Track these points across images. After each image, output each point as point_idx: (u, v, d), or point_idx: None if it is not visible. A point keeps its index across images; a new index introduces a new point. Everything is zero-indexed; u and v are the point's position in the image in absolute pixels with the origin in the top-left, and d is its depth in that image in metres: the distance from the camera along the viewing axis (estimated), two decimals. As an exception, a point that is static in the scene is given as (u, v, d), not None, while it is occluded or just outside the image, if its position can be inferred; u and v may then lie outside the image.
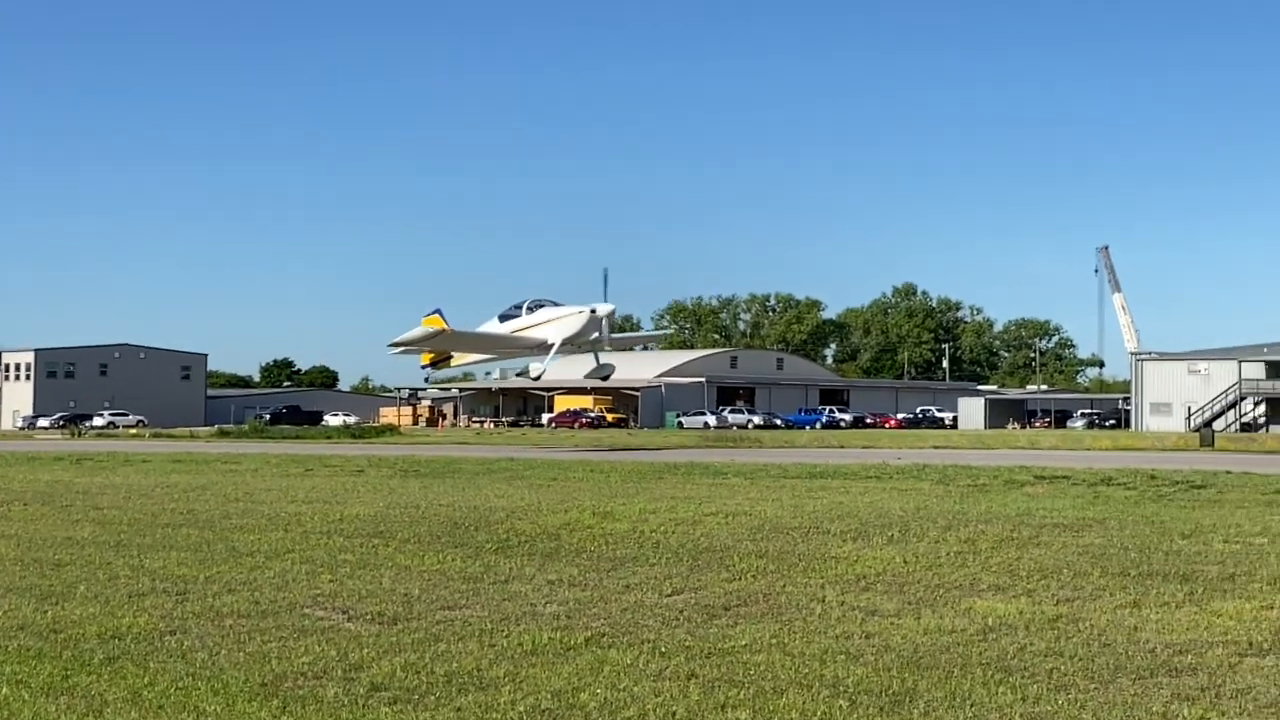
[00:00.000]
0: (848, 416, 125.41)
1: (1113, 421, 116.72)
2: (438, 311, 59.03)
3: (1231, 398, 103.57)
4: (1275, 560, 14.01)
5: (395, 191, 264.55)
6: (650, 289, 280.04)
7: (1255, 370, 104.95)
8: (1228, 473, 29.21)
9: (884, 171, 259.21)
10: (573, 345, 58.00)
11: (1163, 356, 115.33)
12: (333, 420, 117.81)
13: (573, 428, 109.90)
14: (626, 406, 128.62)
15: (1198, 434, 66.03)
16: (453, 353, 60.90)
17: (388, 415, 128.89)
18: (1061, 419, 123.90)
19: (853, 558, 14.57)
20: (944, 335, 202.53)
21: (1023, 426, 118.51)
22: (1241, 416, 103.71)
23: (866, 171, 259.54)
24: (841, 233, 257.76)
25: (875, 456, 41.86)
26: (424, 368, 63.51)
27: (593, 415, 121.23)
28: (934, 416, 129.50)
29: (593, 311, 56.14)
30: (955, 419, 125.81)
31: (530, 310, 57.76)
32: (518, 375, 68.41)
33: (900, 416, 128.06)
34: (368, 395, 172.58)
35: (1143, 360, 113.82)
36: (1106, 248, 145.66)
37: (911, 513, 19.81)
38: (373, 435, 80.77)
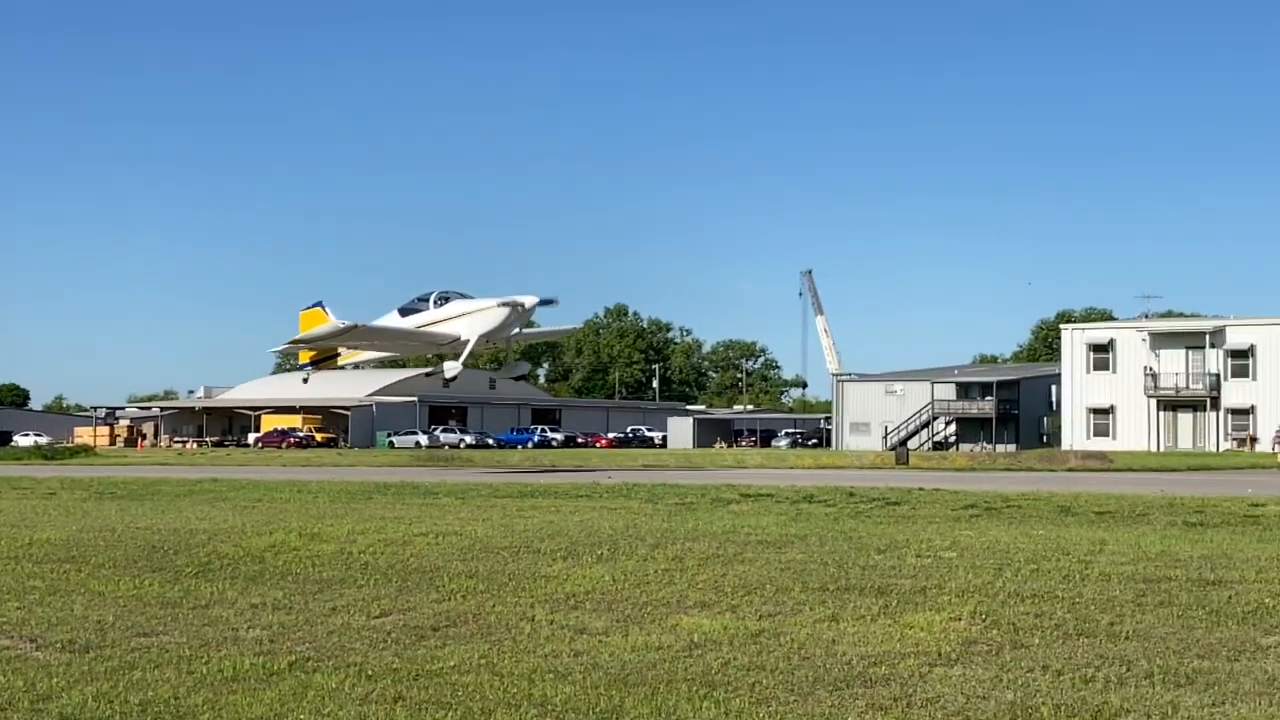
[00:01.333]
0: (559, 436, 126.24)
1: (815, 440, 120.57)
2: (319, 305, 54.55)
3: (925, 417, 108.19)
4: (963, 573, 14.65)
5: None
6: (368, 300, 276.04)
7: (946, 391, 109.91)
8: (920, 490, 30.45)
9: (596, 192, 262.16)
10: (489, 342, 53.67)
11: (862, 378, 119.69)
12: (23, 441, 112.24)
13: (280, 447, 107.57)
14: (336, 426, 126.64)
15: (894, 452, 68.72)
16: (344, 350, 55.65)
17: (83, 435, 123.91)
18: (767, 438, 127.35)
19: (562, 576, 14.63)
20: (654, 356, 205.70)
21: (730, 445, 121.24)
22: (934, 435, 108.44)
23: (578, 191, 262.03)
24: (554, 253, 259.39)
25: (586, 476, 42.21)
26: (304, 366, 58.38)
27: (301, 435, 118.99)
28: (644, 436, 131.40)
29: (515, 305, 51.34)
30: (665, 438, 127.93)
31: (439, 303, 52.45)
32: (427, 376, 61.35)
33: (611, 436, 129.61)
34: (62, 414, 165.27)
35: (843, 381, 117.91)
36: (810, 272, 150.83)
37: (621, 531, 20.02)
38: (67, 456, 77.43)
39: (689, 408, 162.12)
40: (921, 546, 17.43)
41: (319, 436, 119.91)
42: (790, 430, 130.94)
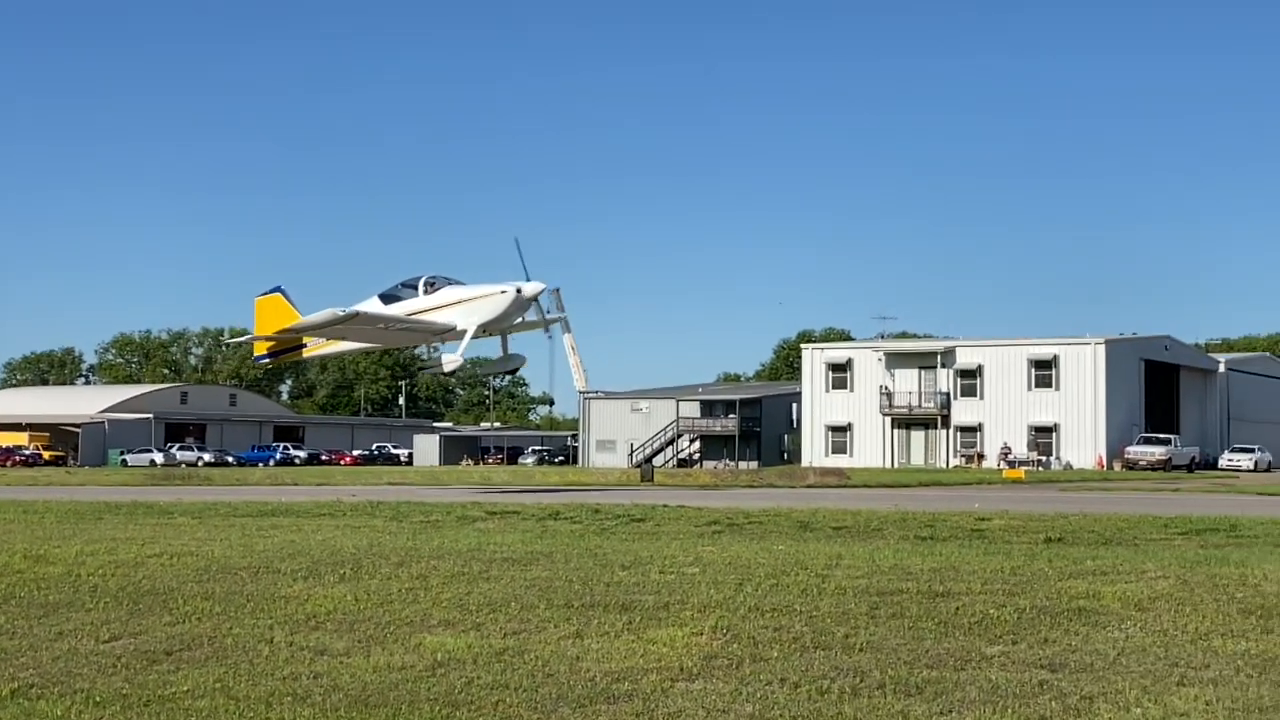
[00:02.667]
0: (303, 453, 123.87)
1: (562, 458, 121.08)
2: (278, 290, 49.43)
3: (670, 435, 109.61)
4: (705, 588, 14.86)
5: None
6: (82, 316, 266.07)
7: (691, 409, 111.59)
8: (665, 506, 30.82)
9: (331, 203, 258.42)
10: (486, 332, 48.10)
11: (609, 395, 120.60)
12: None
13: (4, 465, 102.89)
14: (65, 443, 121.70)
15: (639, 469, 69.44)
16: (312, 341, 49.72)
17: None
18: (514, 455, 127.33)
19: (303, 597, 14.33)
20: (401, 372, 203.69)
21: (477, 463, 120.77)
22: (679, 453, 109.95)
23: (311, 207, 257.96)
24: (297, 268, 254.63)
25: (329, 493, 41.51)
26: (260, 359, 52.50)
27: (28, 453, 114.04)
28: (390, 453, 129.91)
29: (518, 291, 46.51)
30: (411, 456, 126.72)
31: (429, 290, 47.35)
32: (419, 370, 51.12)
33: (356, 453, 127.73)
34: None
35: (590, 399, 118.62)
36: (559, 290, 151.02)
37: (364, 550, 19.72)
38: None
39: (436, 425, 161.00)
40: (665, 563, 17.62)
41: (46, 454, 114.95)
42: (537, 447, 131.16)
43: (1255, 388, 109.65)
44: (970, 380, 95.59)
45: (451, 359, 47.64)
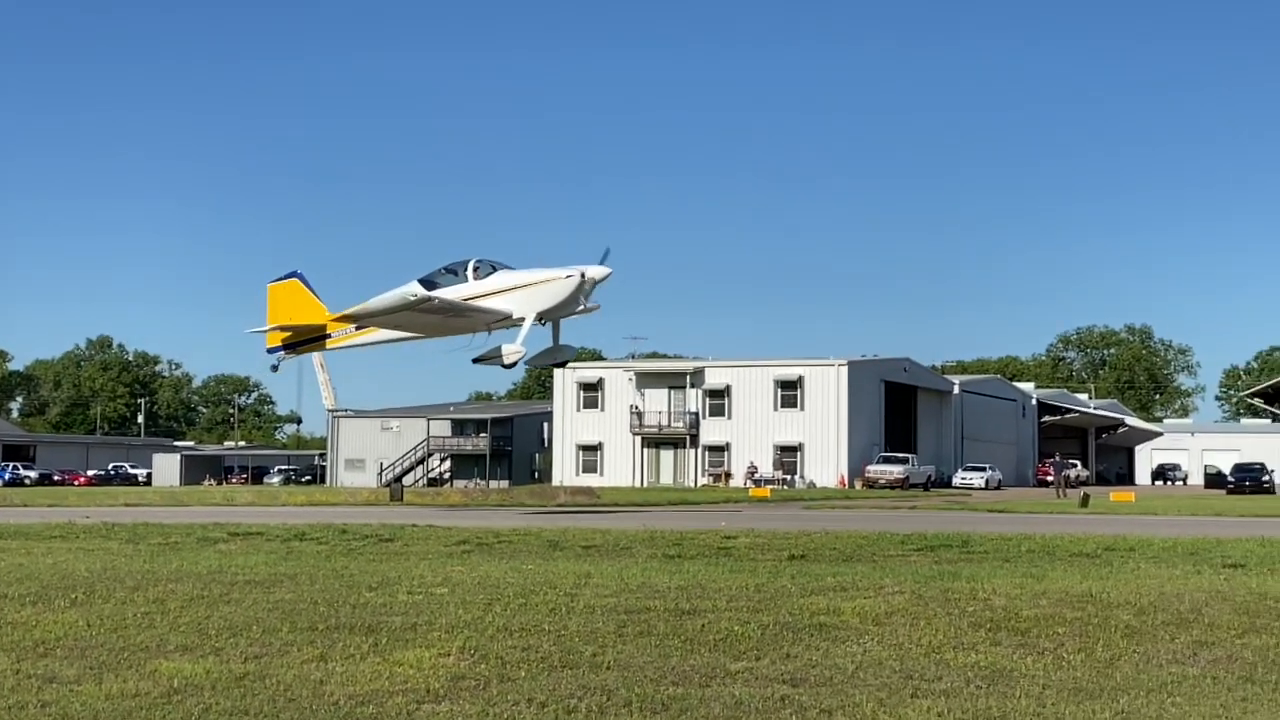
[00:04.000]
0: (34, 474, 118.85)
1: (309, 477, 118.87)
2: (296, 275, 45.37)
3: (420, 454, 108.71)
4: (454, 609, 14.75)
5: None
6: None
7: (442, 428, 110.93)
8: (414, 526, 30.48)
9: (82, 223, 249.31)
10: (542, 321, 44.04)
11: (358, 414, 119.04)
12: None
13: None
14: None
15: (388, 489, 68.61)
16: (339, 332, 45.21)
17: None
18: (259, 475, 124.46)
19: (31, 623, 13.71)
20: (140, 390, 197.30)
21: (220, 483, 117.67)
22: (429, 472, 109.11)
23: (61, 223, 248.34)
24: (30, 281, 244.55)
25: (61, 515, 39.86)
26: (273, 350, 46.62)
27: None
28: (127, 473, 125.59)
29: (582, 276, 42.99)
30: (150, 476, 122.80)
31: (478, 274, 43.33)
32: (475, 361, 45.12)
33: (91, 473, 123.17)
34: None
35: (339, 417, 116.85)
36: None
37: (98, 573, 18.99)
38: None
39: (177, 444, 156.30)
40: (413, 583, 17.43)
41: None
42: (284, 467, 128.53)
43: (986, 409, 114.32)
44: (719, 400, 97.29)
45: (514, 350, 43.48)
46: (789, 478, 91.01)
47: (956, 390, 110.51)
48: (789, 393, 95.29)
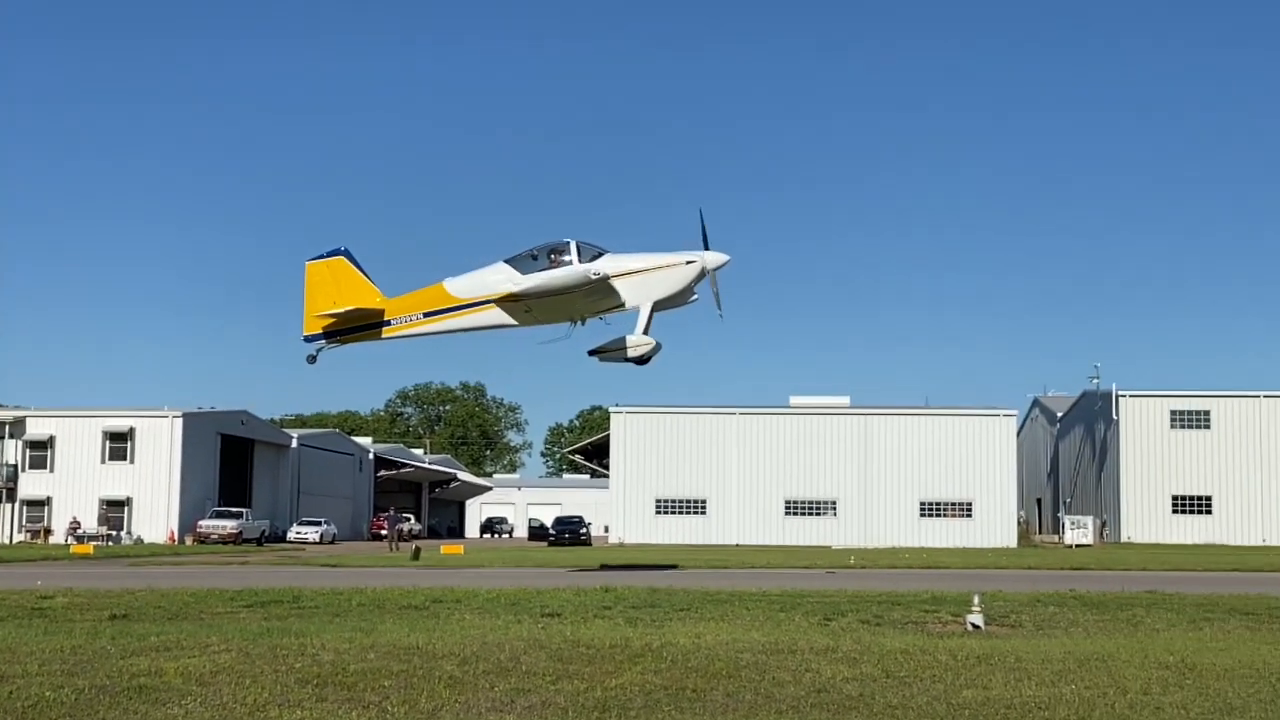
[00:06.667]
0: None
1: None
2: (342, 253, 38.89)
3: None
4: None
5: None
6: None
7: None
8: None
9: None
10: (658, 309, 38.81)
11: None
12: None
13: None
14: None
15: None
16: (404, 320, 38.58)
17: None
18: None
19: None
20: None
21: None
22: None
23: None
24: None
25: None
26: (312, 339, 39.07)
27: None
28: None
29: (703, 263, 38.38)
30: None
31: (581, 258, 37.40)
32: (590, 354, 37.71)
33: None
34: None
35: None
36: None
37: None
38: None
39: None
40: None
41: None
42: None
43: (324, 462, 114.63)
44: (41, 452, 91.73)
45: (640, 342, 38.95)
46: (115, 533, 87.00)
47: (295, 444, 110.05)
48: (119, 444, 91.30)
